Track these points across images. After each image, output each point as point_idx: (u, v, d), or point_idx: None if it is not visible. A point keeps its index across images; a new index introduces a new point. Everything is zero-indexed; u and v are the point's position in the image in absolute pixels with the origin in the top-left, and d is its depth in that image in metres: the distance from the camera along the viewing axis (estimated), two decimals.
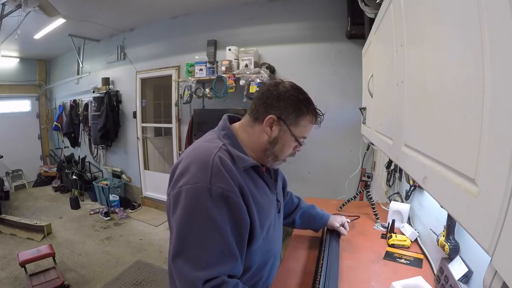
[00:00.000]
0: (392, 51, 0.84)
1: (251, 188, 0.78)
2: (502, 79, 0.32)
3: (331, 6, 2.74)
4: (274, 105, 0.80)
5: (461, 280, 0.83)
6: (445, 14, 0.48)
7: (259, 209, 0.80)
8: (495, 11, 0.32)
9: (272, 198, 0.91)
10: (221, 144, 0.79)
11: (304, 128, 0.83)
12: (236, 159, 0.77)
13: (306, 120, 0.82)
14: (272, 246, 0.92)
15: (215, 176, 0.70)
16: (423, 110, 0.60)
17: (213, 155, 0.74)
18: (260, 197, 0.82)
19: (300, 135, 0.83)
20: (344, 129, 2.79)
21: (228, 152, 0.77)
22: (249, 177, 0.80)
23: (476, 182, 0.36)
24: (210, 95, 3.11)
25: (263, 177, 0.86)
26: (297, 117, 0.81)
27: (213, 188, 0.69)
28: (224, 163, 0.73)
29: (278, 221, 0.97)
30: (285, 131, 0.81)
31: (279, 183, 1.00)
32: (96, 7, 3.21)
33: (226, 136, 0.82)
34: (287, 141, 0.82)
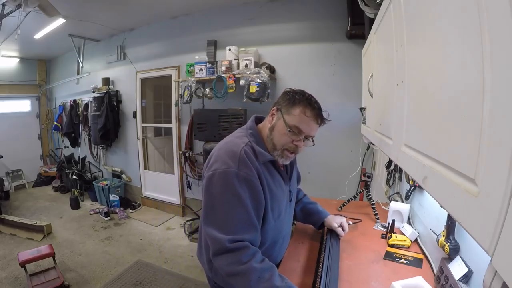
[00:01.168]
0: (392, 51, 0.84)
1: (268, 178, 0.96)
2: (502, 79, 0.32)
3: (331, 6, 2.74)
4: (278, 100, 1.01)
5: (461, 280, 0.83)
6: (445, 14, 0.48)
7: (272, 196, 0.97)
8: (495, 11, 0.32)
9: (285, 189, 1.08)
10: (247, 141, 0.97)
11: (297, 117, 0.94)
12: (258, 154, 0.95)
13: (297, 109, 0.94)
14: (282, 228, 1.09)
15: (241, 163, 0.89)
16: (423, 110, 0.60)
17: (241, 148, 0.92)
18: (274, 187, 0.99)
19: (292, 123, 0.94)
20: (344, 129, 2.79)
21: (252, 148, 0.96)
22: (267, 170, 0.98)
23: (476, 182, 0.36)
24: (210, 95, 3.11)
25: (279, 170, 1.04)
26: (290, 107, 0.95)
27: (240, 173, 0.88)
28: (248, 155, 0.92)
29: (290, 208, 1.15)
30: (279, 118, 0.97)
31: (294, 178, 1.17)
32: (96, 7, 3.21)
33: (252, 135, 1.01)
34: (281, 127, 0.96)
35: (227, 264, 0.85)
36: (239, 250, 0.85)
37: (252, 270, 0.83)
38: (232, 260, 0.85)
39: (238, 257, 0.84)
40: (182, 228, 3.59)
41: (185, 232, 3.48)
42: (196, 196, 3.83)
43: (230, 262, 0.85)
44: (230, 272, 0.85)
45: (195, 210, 3.85)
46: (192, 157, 3.66)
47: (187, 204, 3.96)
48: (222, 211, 0.88)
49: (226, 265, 0.86)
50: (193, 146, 3.73)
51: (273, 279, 0.83)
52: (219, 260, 0.87)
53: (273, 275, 0.84)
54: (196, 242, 3.22)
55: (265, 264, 0.86)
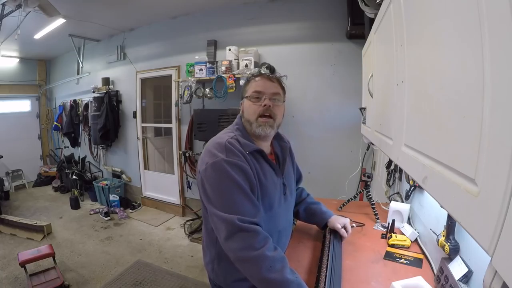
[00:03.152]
0: (392, 51, 0.84)
1: (257, 168, 0.98)
2: (502, 79, 0.32)
3: (331, 6, 2.74)
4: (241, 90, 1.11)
5: (461, 280, 0.83)
6: (445, 14, 0.48)
7: (261, 186, 0.98)
8: (495, 11, 0.32)
9: (278, 181, 1.07)
10: (233, 135, 1.01)
11: (250, 88, 1.04)
12: (243, 144, 0.98)
13: (249, 84, 1.06)
14: (277, 222, 1.06)
15: (228, 152, 0.94)
16: (423, 110, 0.60)
17: (225, 140, 0.97)
18: (264, 178, 1.00)
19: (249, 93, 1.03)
20: (344, 129, 2.79)
21: (237, 140, 0.99)
22: (256, 160, 1.00)
23: (476, 182, 0.36)
24: (210, 95, 3.11)
25: (269, 162, 1.04)
26: (246, 86, 1.07)
27: (229, 160, 0.92)
28: (233, 145, 0.96)
29: (285, 202, 1.11)
30: (243, 101, 1.07)
31: (289, 172, 1.17)
32: (96, 7, 3.21)
33: (238, 129, 1.05)
34: (246, 104, 1.05)
35: (239, 249, 0.84)
36: (250, 232, 0.84)
37: (264, 258, 0.81)
38: (244, 245, 0.84)
39: (251, 241, 0.84)
40: (182, 228, 3.59)
41: (185, 232, 3.48)
42: (196, 196, 3.83)
43: (243, 246, 0.84)
44: (241, 257, 0.85)
45: (195, 210, 3.85)
46: (192, 157, 3.67)
47: (187, 204, 3.96)
48: (224, 198, 0.90)
49: (239, 250, 0.84)
50: (193, 146, 3.73)
51: (284, 271, 0.82)
52: (232, 243, 0.85)
53: (285, 267, 0.83)
54: (196, 242, 3.22)
55: (277, 253, 0.85)
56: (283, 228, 1.11)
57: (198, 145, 3.63)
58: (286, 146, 1.17)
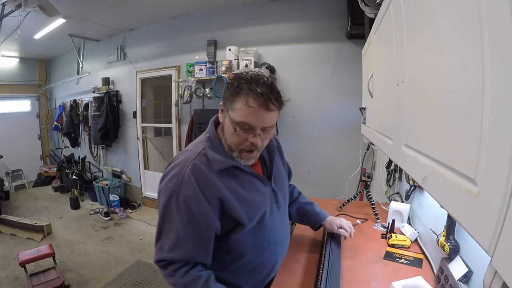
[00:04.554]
0: (392, 51, 0.84)
1: (233, 186, 0.85)
2: (502, 79, 0.32)
3: (331, 6, 2.74)
4: (224, 91, 0.84)
5: (461, 280, 0.83)
6: (445, 14, 0.48)
7: (245, 203, 0.86)
8: (495, 11, 0.32)
9: (266, 190, 0.94)
10: (201, 149, 0.86)
11: (240, 111, 0.77)
12: (211, 162, 0.83)
13: (239, 102, 0.77)
14: (269, 235, 0.95)
15: (184, 183, 0.80)
16: (423, 110, 0.60)
17: (189, 163, 0.82)
18: (246, 193, 0.87)
19: (238, 119, 0.78)
20: (344, 129, 2.79)
21: (206, 156, 0.84)
22: (232, 176, 0.86)
23: (476, 182, 0.36)
24: (210, 95, 3.11)
25: (250, 172, 0.91)
26: (233, 98, 0.78)
27: (180, 194, 0.80)
28: (197, 170, 0.81)
29: (278, 211, 0.99)
30: (225, 116, 0.83)
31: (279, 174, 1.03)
32: (96, 7, 3.21)
33: (209, 139, 0.88)
34: (228, 125, 0.82)
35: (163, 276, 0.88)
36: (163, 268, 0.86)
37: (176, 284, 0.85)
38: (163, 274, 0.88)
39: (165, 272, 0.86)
40: None
41: None
42: None
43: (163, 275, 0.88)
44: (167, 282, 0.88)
45: None
46: None
47: None
48: (158, 227, 0.86)
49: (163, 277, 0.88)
50: None
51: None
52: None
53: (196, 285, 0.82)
54: None
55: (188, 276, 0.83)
56: (279, 239, 1.00)
57: None
58: (273, 145, 1.01)
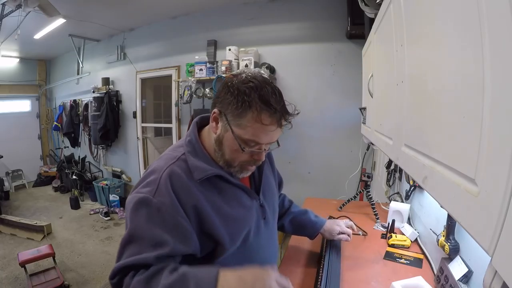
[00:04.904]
0: (392, 51, 0.84)
1: (215, 199, 0.73)
2: (502, 79, 0.32)
3: (331, 6, 2.74)
4: (220, 96, 0.71)
5: (461, 280, 0.83)
6: (445, 14, 0.48)
7: (227, 221, 0.74)
8: (495, 11, 0.32)
9: (253, 204, 0.82)
10: (181, 154, 0.75)
11: (250, 128, 0.67)
12: (192, 170, 0.72)
13: (250, 118, 0.66)
14: (256, 255, 0.83)
15: (159, 191, 0.69)
16: (423, 110, 0.60)
17: (166, 168, 0.71)
18: (229, 208, 0.75)
19: (246, 137, 0.68)
20: (344, 129, 2.79)
21: (186, 163, 0.73)
22: (214, 187, 0.74)
23: (476, 182, 0.36)
24: (210, 95, 3.11)
25: (236, 183, 0.77)
26: (240, 113, 0.66)
27: (154, 201, 0.68)
28: (175, 177, 0.70)
29: (266, 228, 0.87)
30: (227, 130, 0.70)
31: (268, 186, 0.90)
32: (96, 7, 3.21)
33: (190, 143, 0.77)
34: (230, 141, 0.70)
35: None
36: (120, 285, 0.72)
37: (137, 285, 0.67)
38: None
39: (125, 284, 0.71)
40: None
41: None
42: None
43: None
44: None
45: None
46: None
47: None
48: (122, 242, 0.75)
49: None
50: None
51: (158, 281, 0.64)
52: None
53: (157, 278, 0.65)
54: None
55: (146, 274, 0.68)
56: (266, 261, 0.85)
57: None
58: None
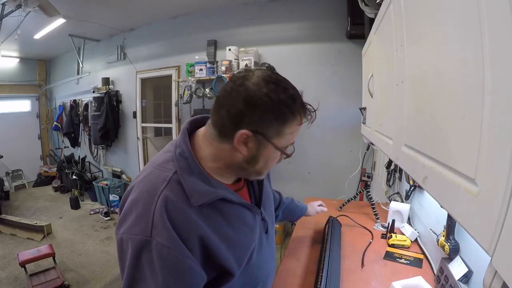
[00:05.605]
0: (392, 51, 0.84)
1: (219, 226, 0.64)
2: (502, 79, 0.32)
3: (331, 6, 2.74)
4: (245, 116, 0.58)
5: (461, 280, 0.83)
6: (445, 14, 0.48)
7: (233, 246, 0.66)
8: (495, 11, 0.32)
9: (255, 221, 0.74)
10: (172, 173, 0.61)
11: (291, 135, 0.64)
12: (189, 194, 0.60)
13: (292, 126, 0.62)
14: (258, 272, 0.78)
15: (156, 227, 0.56)
16: (423, 110, 0.60)
17: (157, 195, 0.58)
18: (234, 232, 0.67)
19: (287, 144, 0.65)
20: (344, 129, 2.79)
21: (180, 185, 0.60)
22: (216, 211, 0.63)
23: (476, 182, 0.36)
24: (210, 95, 3.11)
25: (239, 201, 0.68)
26: (281, 126, 0.60)
27: (153, 244, 0.56)
28: (171, 206, 0.58)
29: (267, 242, 0.80)
30: (266, 146, 0.62)
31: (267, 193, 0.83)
32: (96, 7, 3.21)
33: (181, 157, 0.63)
34: (270, 155, 0.64)
35: None
36: None
37: None
38: None
39: None
40: None
41: None
42: None
43: None
44: None
45: None
46: None
47: None
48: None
49: None
50: None
51: None
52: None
53: None
54: None
55: None
56: (268, 274, 0.83)
57: None
58: None
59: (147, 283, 0.57)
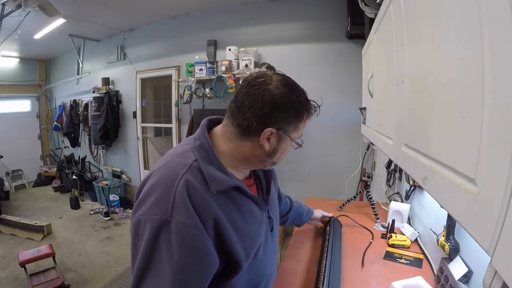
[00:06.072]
0: (392, 51, 0.84)
1: (232, 213, 0.67)
2: (502, 79, 0.32)
3: (331, 6, 2.74)
4: (271, 116, 0.66)
5: (461, 280, 0.83)
6: (445, 14, 0.48)
7: (243, 236, 0.69)
8: (495, 11, 0.32)
9: (262, 217, 0.77)
10: (193, 161, 0.65)
11: (303, 128, 0.75)
12: (209, 180, 0.63)
13: (304, 121, 0.73)
14: (263, 269, 0.80)
15: (176, 207, 0.59)
16: (423, 110, 0.60)
17: (179, 178, 0.61)
18: (244, 222, 0.70)
19: (299, 136, 0.76)
20: (344, 129, 2.79)
21: (200, 172, 0.64)
22: (229, 199, 0.67)
23: (476, 182, 0.36)
24: (210, 95, 3.11)
25: (249, 195, 0.72)
26: (298, 122, 0.71)
27: (173, 223, 0.58)
28: (192, 189, 0.61)
29: (272, 240, 0.83)
30: (285, 140, 0.72)
31: (273, 194, 0.86)
32: (96, 7, 3.21)
33: (201, 148, 0.68)
34: (286, 147, 0.74)
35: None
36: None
37: None
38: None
39: None
40: None
41: None
42: None
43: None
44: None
45: None
46: None
47: None
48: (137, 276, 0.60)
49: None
50: None
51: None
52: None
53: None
54: None
55: None
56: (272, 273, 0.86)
57: None
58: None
59: (162, 266, 0.58)
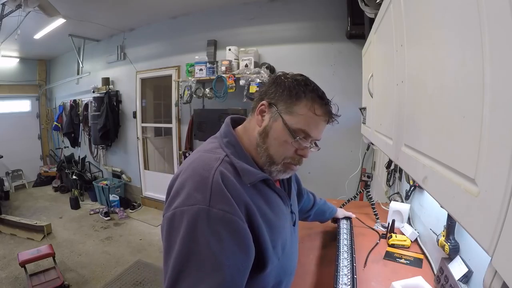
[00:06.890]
0: (392, 51, 0.84)
1: (261, 205, 0.67)
2: (502, 78, 0.32)
3: (331, 6, 2.74)
4: (268, 90, 0.70)
5: (461, 280, 0.83)
6: (445, 14, 0.48)
7: (271, 228, 0.68)
8: (495, 11, 0.32)
9: (286, 211, 0.78)
10: (223, 155, 0.66)
11: (303, 117, 0.67)
12: (241, 173, 0.65)
13: (303, 106, 0.67)
14: (289, 264, 0.78)
15: (215, 195, 0.58)
16: (423, 110, 0.60)
17: (214, 169, 0.62)
18: (272, 215, 0.70)
19: (297, 126, 0.67)
20: (344, 129, 2.78)
21: (232, 165, 0.65)
22: (258, 192, 0.68)
23: (476, 182, 0.36)
24: (210, 95, 3.11)
25: (275, 189, 0.73)
26: (292, 103, 0.67)
27: (213, 211, 0.57)
28: (226, 179, 0.61)
29: (294, 235, 0.83)
30: (276, 119, 0.68)
31: (293, 191, 0.88)
32: (96, 7, 3.21)
33: (229, 145, 0.70)
34: (279, 132, 0.67)
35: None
36: None
37: None
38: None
39: None
40: None
41: None
42: None
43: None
44: None
45: None
46: None
47: None
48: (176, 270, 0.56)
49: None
50: (193, 146, 3.73)
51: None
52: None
53: None
54: None
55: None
56: (293, 269, 0.83)
57: (198, 145, 3.63)
58: None
59: (201, 256, 0.55)
